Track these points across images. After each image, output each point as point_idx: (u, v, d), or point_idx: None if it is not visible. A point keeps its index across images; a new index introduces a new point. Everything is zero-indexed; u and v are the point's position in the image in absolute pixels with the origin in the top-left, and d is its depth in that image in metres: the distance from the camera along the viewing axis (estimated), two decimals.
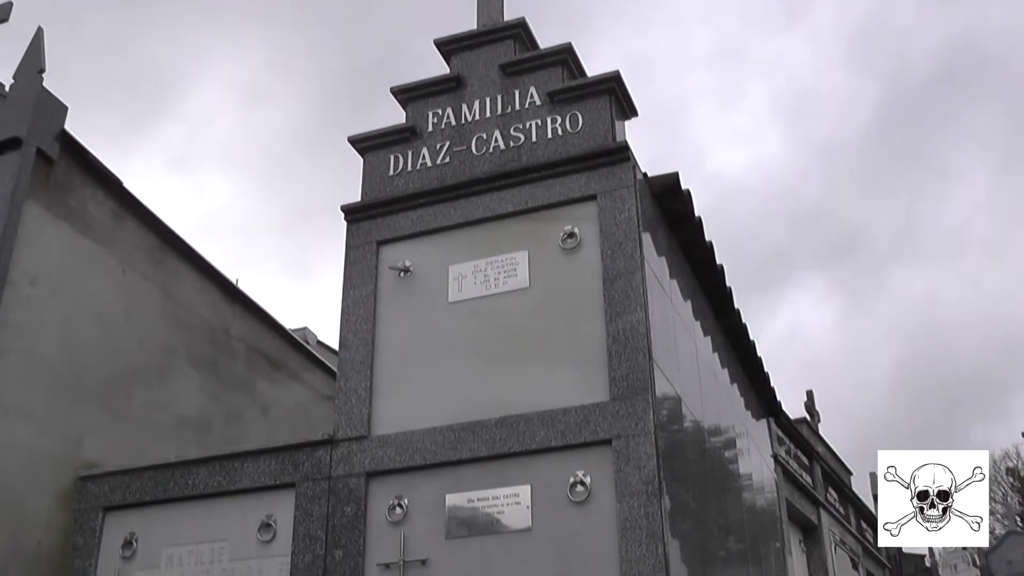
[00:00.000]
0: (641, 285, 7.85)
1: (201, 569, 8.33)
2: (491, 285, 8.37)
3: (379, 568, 7.65)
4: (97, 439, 9.43)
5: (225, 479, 8.52)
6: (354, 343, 8.55)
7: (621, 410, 7.44)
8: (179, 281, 11.07)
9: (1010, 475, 44.73)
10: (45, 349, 9.13)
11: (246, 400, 11.87)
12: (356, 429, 8.19)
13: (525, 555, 7.29)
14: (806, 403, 18.66)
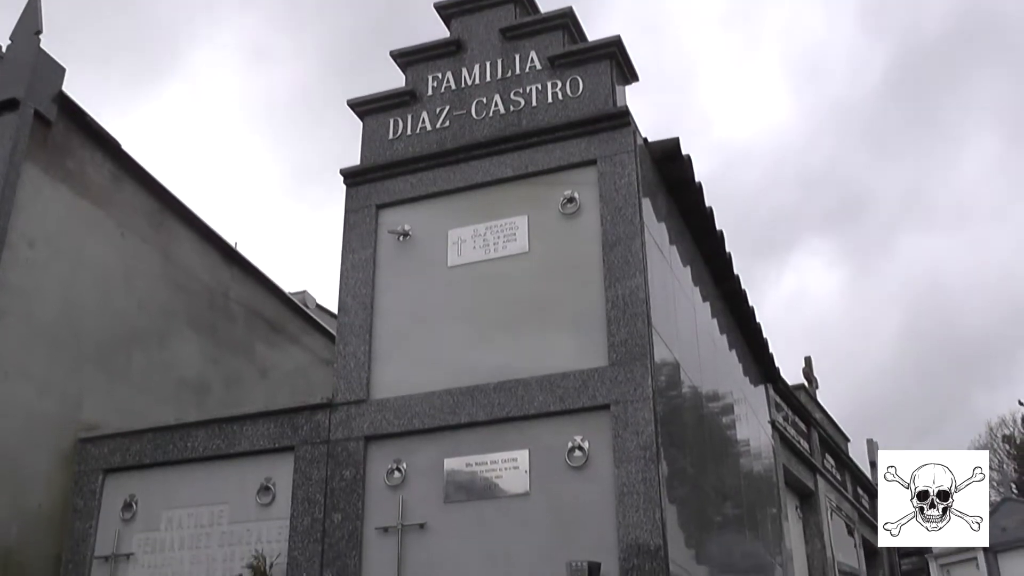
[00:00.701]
0: (640, 250, 7.84)
1: (200, 531, 8.37)
2: (490, 249, 8.36)
3: (378, 532, 7.68)
4: (96, 401, 9.45)
5: (224, 442, 8.54)
6: (353, 307, 8.55)
7: (620, 375, 7.45)
8: (178, 244, 11.05)
9: (1006, 442, 44.86)
10: (44, 311, 9.13)
11: (245, 363, 11.88)
12: (355, 393, 8.20)
13: (523, 520, 7.31)
14: (804, 369, 18.69)
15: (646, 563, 6.82)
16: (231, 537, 8.25)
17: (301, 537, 7.90)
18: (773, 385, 13.83)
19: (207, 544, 8.30)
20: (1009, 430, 44.90)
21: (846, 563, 16.36)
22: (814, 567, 14.87)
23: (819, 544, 14.98)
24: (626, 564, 6.87)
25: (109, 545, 8.55)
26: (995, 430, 45.85)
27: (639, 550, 6.86)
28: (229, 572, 8.05)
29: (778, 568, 11.56)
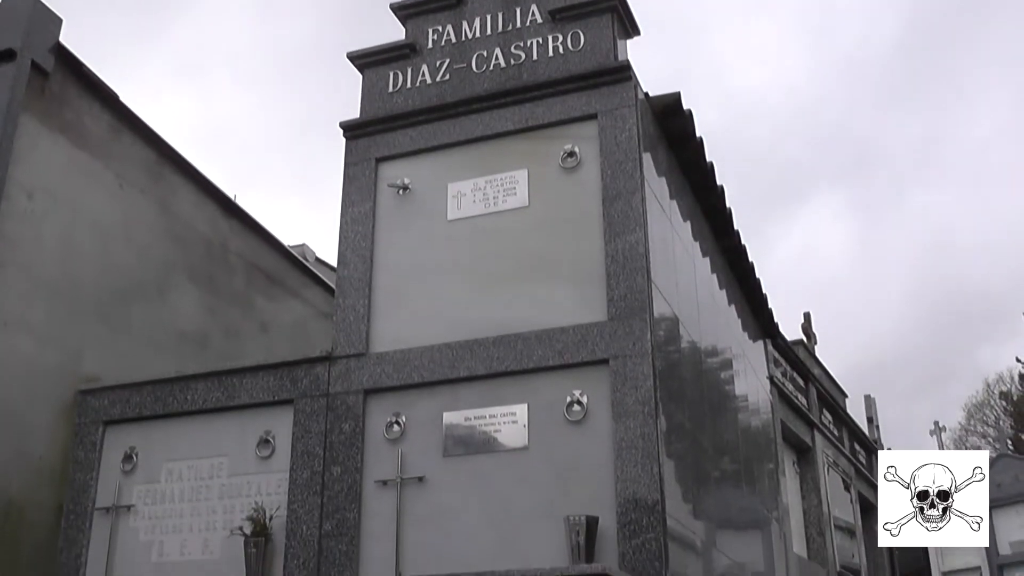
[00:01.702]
0: (641, 205, 7.83)
1: (200, 484, 8.41)
2: (490, 203, 8.34)
3: (377, 485, 7.72)
4: (96, 353, 9.46)
5: (224, 394, 8.56)
6: (353, 260, 8.54)
7: (619, 330, 7.46)
8: (177, 196, 11.03)
9: (1003, 399, 45.03)
10: (43, 263, 9.13)
11: (244, 316, 11.88)
12: (354, 346, 8.21)
13: (521, 474, 7.35)
14: (803, 325, 18.70)
15: (644, 517, 6.86)
16: (231, 490, 8.30)
17: (300, 490, 7.94)
18: (772, 341, 13.85)
19: (207, 496, 8.35)
20: (1006, 387, 45.06)
21: (842, 518, 16.46)
22: (810, 522, 14.96)
23: (816, 499, 15.07)
24: (624, 518, 6.91)
25: (110, 496, 8.59)
26: (992, 387, 46.02)
27: (637, 505, 6.90)
28: (229, 524, 8.10)
29: (774, 523, 11.64)
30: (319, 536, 7.72)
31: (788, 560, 12.21)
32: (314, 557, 7.68)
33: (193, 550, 8.23)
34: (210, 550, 8.19)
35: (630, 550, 6.83)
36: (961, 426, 45.87)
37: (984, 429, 44.91)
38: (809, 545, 14.74)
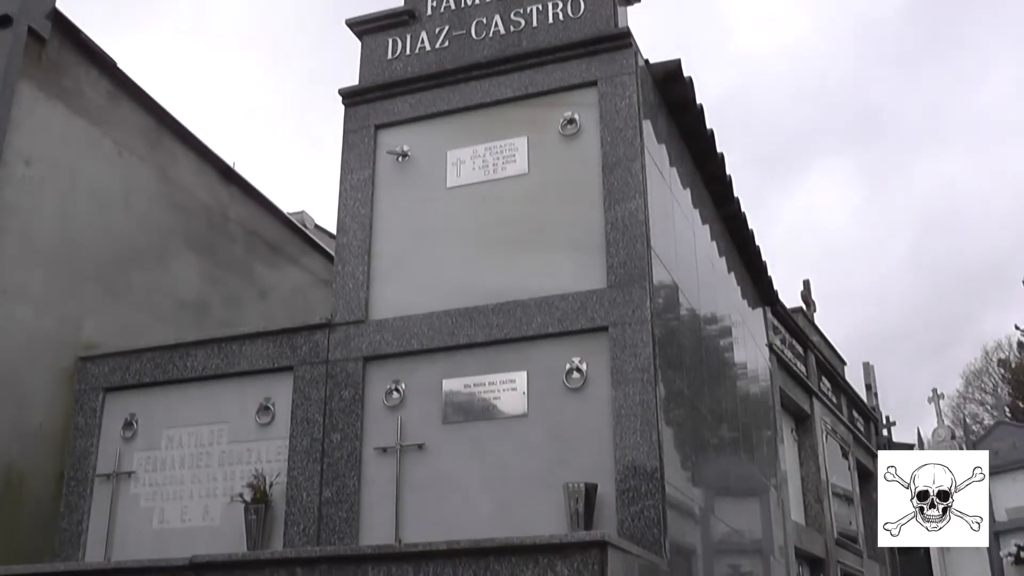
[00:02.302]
0: (640, 173, 7.81)
1: (201, 451, 8.43)
2: (490, 171, 8.32)
3: (376, 452, 7.74)
4: (96, 320, 9.47)
5: (223, 361, 8.57)
6: (352, 227, 8.53)
7: (618, 297, 7.46)
8: (176, 163, 11.00)
9: (1001, 366, 45.18)
10: (42, 230, 9.12)
11: (244, 283, 11.88)
12: (354, 313, 8.22)
13: (521, 441, 7.37)
14: (802, 293, 18.72)
15: (642, 485, 6.88)
16: (231, 456, 8.32)
17: (300, 457, 7.96)
18: (771, 308, 13.86)
19: (207, 463, 8.37)
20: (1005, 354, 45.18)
21: (840, 485, 16.54)
22: (808, 489, 15.03)
23: (814, 467, 15.13)
24: (623, 485, 6.94)
25: (111, 463, 8.62)
26: (991, 354, 46.15)
27: (636, 472, 6.93)
28: (229, 491, 8.13)
29: (772, 490, 11.69)
30: (319, 503, 7.75)
31: (786, 527, 12.27)
32: (314, 524, 7.71)
33: (194, 517, 8.27)
34: (211, 517, 8.22)
35: (629, 517, 6.86)
36: (959, 393, 46.06)
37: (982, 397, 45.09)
38: (807, 512, 14.82)
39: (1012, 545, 25.19)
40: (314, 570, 6.01)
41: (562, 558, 5.50)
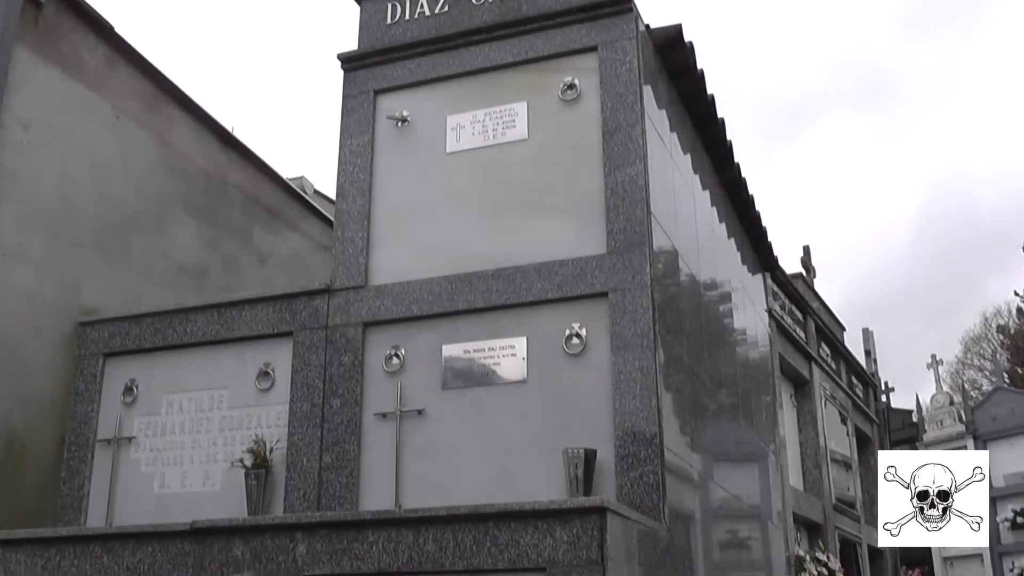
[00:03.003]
0: (641, 138, 7.78)
1: (201, 416, 8.45)
2: (489, 136, 8.29)
3: (376, 417, 7.75)
4: (96, 285, 9.47)
5: (223, 327, 8.58)
6: (351, 193, 8.51)
7: (618, 263, 7.45)
8: (174, 128, 10.97)
9: (1000, 332, 45.21)
10: (41, 195, 9.10)
11: (243, 248, 11.88)
12: (353, 279, 8.21)
13: (520, 406, 7.38)
14: (802, 259, 18.72)
15: (642, 450, 6.90)
16: (231, 422, 8.34)
17: (300, 422, 7.98)
18: (771, 274, 13.86)
19: (208, 428, 8.39)
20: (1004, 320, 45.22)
21: (838, 451, 16.61)
22: (807, 455, 15.10)
23: (812, 432, 15.19)
24: (622, 451, 6.96)
25: (111, 428, 8.64)
26: (990, 320, 46.19)
27: (635, 437, 6.94)
28: (230, 456, 8.15)
29: (771, 456, 11.73)
30: (319, 468, 7.77)
31: (784, 492, 12.33)
32: (314, 489, 7.74)
33: (194, 482, 8.30)
34: (211, 482, 8.25)
35: (628, 483, 6.88)
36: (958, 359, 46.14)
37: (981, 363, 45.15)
38: (805, 478, 14.89)
39: (1008, 510, 25.31)
40: (314, 535, 6.04)
41: (561, 523, 5.52)
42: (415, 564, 5.76)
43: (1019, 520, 25.02)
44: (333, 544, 5.98)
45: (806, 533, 14.38)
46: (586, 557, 5.40)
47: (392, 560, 5.81)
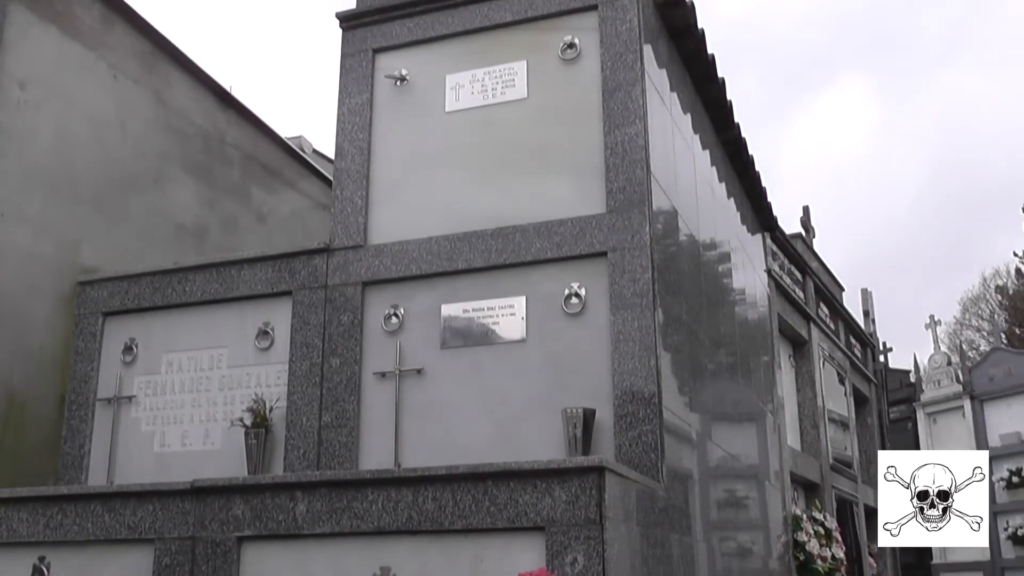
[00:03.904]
0: (641, 97, 7.74)
1: (201, 375, 8.47)
2: (489, 95, 8.25)
3: (375, 377, 7.77)
4: (94, 245, 9.46)
5: (222, 286, 8.57)
6: (350, 152, 8.48)
7: (617, 222, 7.43)
8: (172, 87, 10.92)
9: (999, 293, 45.25)
10: (38, 154, 9.08)
11: (242, 208, 11.86)
12: (352, 238, 8.20)
13: (519, 365, 7.39)
14: (802, 219, 18.68)
15: (640, 410, 6.92)
16: (231, 381, 8.35)
17: (300, 381, 8.00)
18: (770, 234, 13.85)
19: (207, 387, 8.41)
20: (1003, 281, 45.25)
21: (836, 411, 16.65)
22: (805, 415, 15.13)
23: (811, 393, 15.22)
24: (620, 411, 6.97)
25: (111, 387, 8.66)
26: (988, 280, 46.22)
27: (633, 397, 6.96)
28: (229, 415, 8.18)
29: (769, 415, 11.76)
30: (319, 427, 7.80)
31: (782, 452, 12.37)
32: (314, 448, 7.77)
33: (194, 441, 8.33)
34: (211, 441, 8.28)
35: (626, 442, 6.90)
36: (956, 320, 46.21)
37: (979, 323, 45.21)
38: (803, 437, 14.94)
39: (1004, 470, 25.41)
40: (314, 494, 6.07)
41: (560, 483, 5.54)
42: (414, 523, 5.79)
43: (1014, 480, 25.14)
44: (333, 503, 6.01)
45: (803, 492, 14.44)
46: (584, 516, 5.43)
47: (391, 519, 5.84)
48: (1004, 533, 24.83)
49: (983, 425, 26.40)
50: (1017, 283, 43.89)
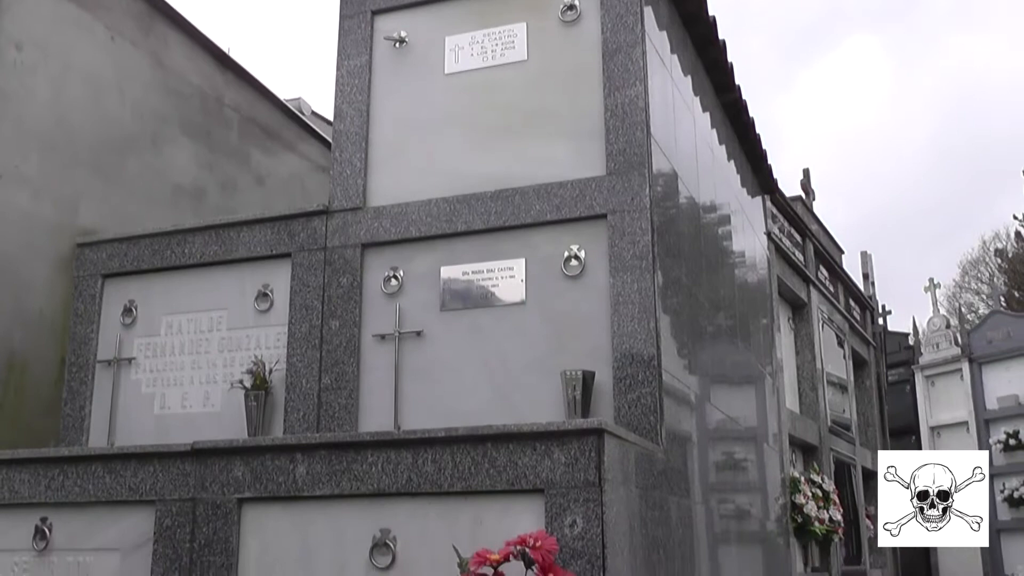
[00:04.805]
0: (641, 59, 7.70)
1: (200, 337, 8.47)
2: (488, 57, 8.20)
3: (375, 339, 7.77)
4: (93, 206, 9.44)
5: (221, 248, 8.56)
6: (349, 114, 8.44)
7: (617, 185, 7.41)
8: (169, 49, 10.86)
9: (998, 256, 45.27)
10: (36, 115, 9.04)
11: (241, 170, 11.83)
12: (351, 200, 8.18)
13: (519, 328, 7.39)
14: (802, 181, 18.64)
15: (639, 372, 6.93)
16: (230, 343, 8.36)
17: (299, 343, 8.00)
18: (770, 196, 13.82)
19: (207, 349, 8.42)
20: (1002, 244, 45.26)
21: (835, 374, 16.69)
22: (803, 377, 15.17)
23: (809, 355, 15.25)
24: (620, 373, 6.98)
25: (111, 349, 8.67)
26: (988, 243, 46.23)
27: (633, 359, 6.96)
28: (229, 378, 8.19)
29: (768, 378, 11.79)
30: (318, 390, 7.81)
31: (780, 414, 12.41)
32: (314, 410, 7.78)
33: (194, 403, 8.34)
34: (211, 403, 8.30)
35: (625, 405, 6.92)
36: (956, 283, 46.25)
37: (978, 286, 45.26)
38: (801, 400, 14.98)
39: (1001, 432, 25.54)
40: (314, 456, 6.08)
41: (559, 445, 5.55)
42: (414, 485, 5.81)
43: (1011, 442, 25.26)
44: (332, 465, 6.02)
45: (801, 455, 14.50)
46: (583, 478, 5.44)
47: (391, 481, 5.86)
48: (1000, 495, 24.97)
49: (981, 388, 26.50)
50: (1017, 246, 43.90)
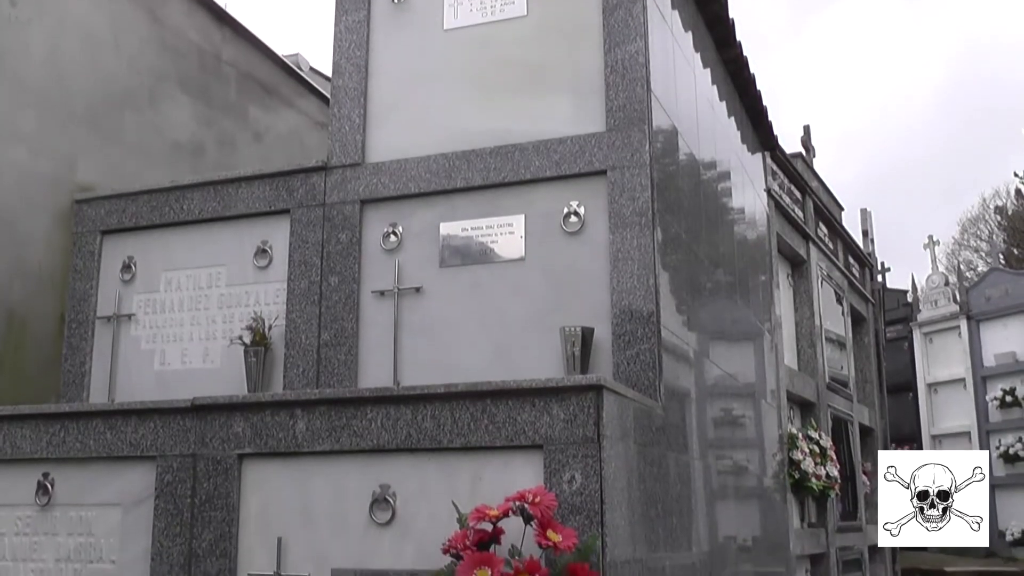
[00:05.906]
0: (641, 14, 7.64)
1: (199, 293, 8.47)
2: (488, 12, 8.14)
3: (374, 295, 7.77)
4: (90, 162, 9.42)
5: (220, 204, 8.54)
6: (347, 69, 8.39)
7: (617, 141, 7.38)
8: (166, 4, 10.78)
9: (998, 213, 45.23)
10: (31, 71, 8.99)
11: (239, 126, 11.78)
12: (350, 156, 8.15)
13: (518, 284, 7.39)
14: (802, 138, 18.56)
15: (638, 329, 6.93)
16: (229, 299, 8.36)
17: (298, 300, 8.00)
18: (770, 153, 13.76)
19: (206, 306, 8.42)
20: (1002, 201, 45.20)
21: (833, 331, 16.69)
22: (802, 334, 15.17)
23: (808, 312, 15.24)
24: (619, 329, 6.99)
25: (110, 305, 8.67)
26: (988, 201, 46.17)
27: (632, 316, 6.97)
28: (229, 334, 8.20)
29: (767, 335, 11.80)
30: (318, 345, 7.82)
31: (779, 371, 12.43)
32: (313, 366, 7.80)
33: (194, 359, 8.36)
34: (211, 359, 8.31)
35: (624, 361, 6.93)
36: (955, 240, 46.24)
37: (977, 244, 45.26)
38: (800, 357, 14.99)
39: (998, 389, 25.64)
40: (313, 412, 6.10)
41: (558, 401, 5.57)
42: (413, 441, 5.83)
43: (1008, 399, 25.36)
44: (332, 421, 6.04)
45: (799, 411, 14.54)
46: (582, 435, 5.47)
47: (391, 437, 5.88)
48: (996, 451, 25.11)
49: (979, 345, 26.56)
50: (1016, 204, 43.85)
